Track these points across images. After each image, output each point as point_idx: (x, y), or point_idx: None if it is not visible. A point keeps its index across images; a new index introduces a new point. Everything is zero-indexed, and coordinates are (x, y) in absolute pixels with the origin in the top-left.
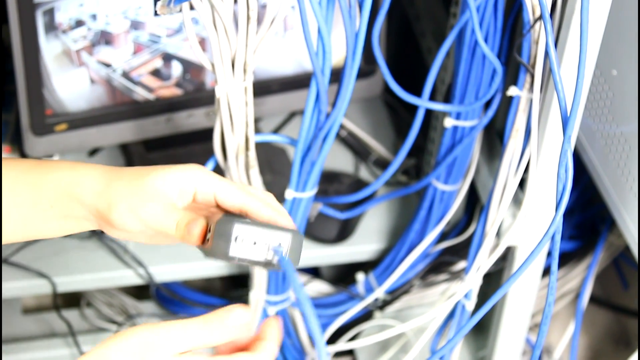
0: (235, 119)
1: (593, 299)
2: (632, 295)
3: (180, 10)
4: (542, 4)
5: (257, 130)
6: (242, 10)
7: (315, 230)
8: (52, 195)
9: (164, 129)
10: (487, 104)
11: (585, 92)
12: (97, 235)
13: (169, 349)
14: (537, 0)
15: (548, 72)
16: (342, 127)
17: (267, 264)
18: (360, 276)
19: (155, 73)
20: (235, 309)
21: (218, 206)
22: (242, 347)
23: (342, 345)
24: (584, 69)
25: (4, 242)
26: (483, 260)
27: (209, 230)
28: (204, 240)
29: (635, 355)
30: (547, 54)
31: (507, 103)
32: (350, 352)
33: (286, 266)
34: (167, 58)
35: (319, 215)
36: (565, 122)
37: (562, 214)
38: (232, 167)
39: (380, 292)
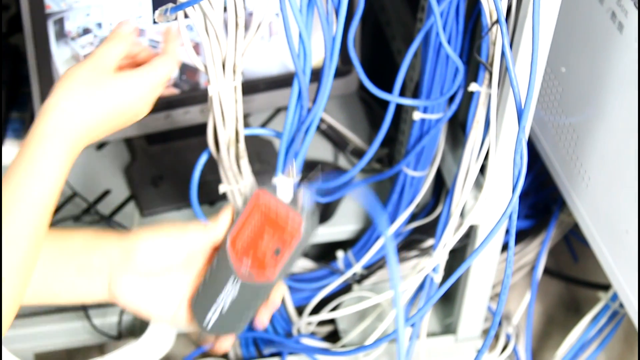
0: (226, 115)
1: (547, 271)
2: (582, 267)
3: (176, 19)
4: (499, 10)
5: (246, 125)
6: (231, 18)
7: None
8: (75, 246)
9: (163, 124)
10: (451, 99)
11: (537, 88)
12: (104, 220)
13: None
14: (494, 6)
15: (504, 69)
16: (322, 121)
17: None
18: (340, 253)
19: None
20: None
21: None
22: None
23: (324, 315)
24: (536, 67)
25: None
26: (449, 238)
27: None
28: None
29: (584, 320)
30: (503, 54)
31: (469, 98)
32: (332, 321)
33: None
34: None
35: None
36: (520, 114)
37: (518, 196)
38: (224, 158)
39: (358, 268)
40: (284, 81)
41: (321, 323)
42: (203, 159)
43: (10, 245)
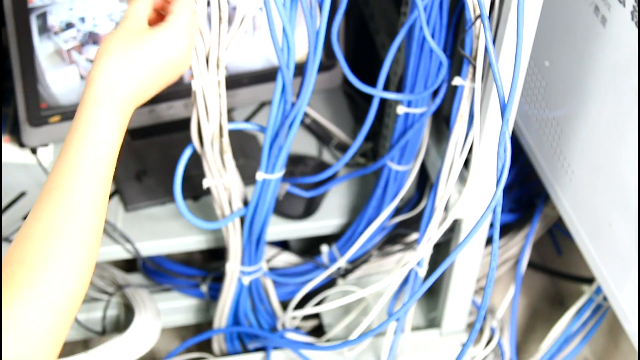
0: (210, 110)
1: (531, 265)
2: (565, 260)
3: None
4: (481, 5)
5: (230, 119)
6: (215, 12)
7: (284, 208)
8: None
9: (147, 119)
10: (435, 93)
11: (521, 82)
12: None
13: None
14: (477, 1)
15: (488, 63)
16: (306, 115)
17: None
18: (324, 248)
19: None
20: None
21: None
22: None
23: (309, 309)
24: (520, 61)
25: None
26: (433, 232)
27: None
28: None
29: (568, 313)
30: (486, 49)
31: (453, 92)
32: (317, 315)
33: None
34: None
35: (286, 194)
36: (503, 109)
37: (502, 189)
38: (208, 152)
39: (342, 262)
40: (267, 75)
41: (306, 317)
42: (187, 154)
43: (77, 214)
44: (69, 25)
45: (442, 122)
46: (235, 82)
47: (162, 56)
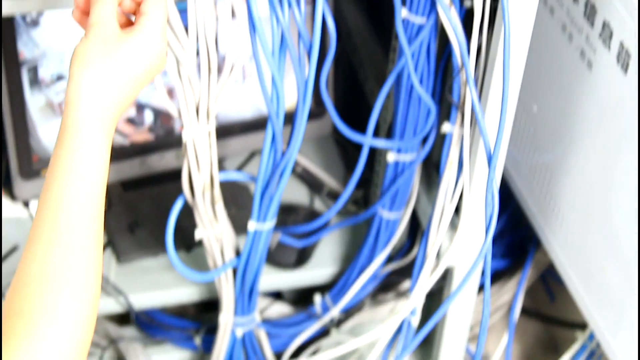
0: (200, 160)
1: (524, 311)
2: (559, 306)
3: None
4: (466, 65)
5: (221, 169)
6: (204, 62)
7: (276, 257)
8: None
9: (138, 170)
10: (424, 140)
11: (509, 128)
12: None
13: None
14: (461, 52)
15: None
16: (296, 163)
17: None
18: (317, 297)
19: (130, 121)
20: None
21: None
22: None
23: None
24: (506, 109)
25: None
26: (425, 280)
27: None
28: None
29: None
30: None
31: (442, 138)
32: None
33: None
34: (140, 107)
35: (278, 243)
36: (490, 158)
37: (492, 237)
38: (200, 203)
39: (335, 311)
40: (258, 124)
41: None
42: (178, 205)
43: (73, 251)
44: (60, 78)
45: (432, 169)
46: (225, 131)
47: (141, 64)
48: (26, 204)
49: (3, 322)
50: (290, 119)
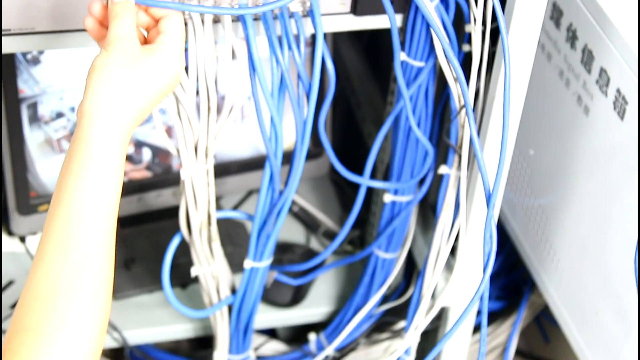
0: (198, 198)
1: (518, 353)
2: (553, 348)
3: None
4: (466, 98)
5: (218, 207)
6: (204, 102)
7: (271, 296)
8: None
9: (136, 207)
10: (421, 181)
11: (506, 171)
12: None
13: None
14: (462, 92)
15: (474, 152)
16: (293, 203)
17: None
18: (312, 336)
19: (128, 158)
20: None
21: None
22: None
23: None
24: (505, 152)
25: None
26: (420, 320)
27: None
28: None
29: None
30: (471, 140)
31: (439, 180)
32: None
33: None
34: (138, 145)
35: (274, 282)
36: (489, 199)
37: (489, 277)
38: (196, 241)
39: (330, 350)
40: (255, 164)
41: None
42: (175, 242)
43: (86, 267)
44: (59, 115)
45: (428, 210)
46: (223, 170)
47: (160, 81)
48: (23, 240)
49: (11, 338)
50: (288, 158)
